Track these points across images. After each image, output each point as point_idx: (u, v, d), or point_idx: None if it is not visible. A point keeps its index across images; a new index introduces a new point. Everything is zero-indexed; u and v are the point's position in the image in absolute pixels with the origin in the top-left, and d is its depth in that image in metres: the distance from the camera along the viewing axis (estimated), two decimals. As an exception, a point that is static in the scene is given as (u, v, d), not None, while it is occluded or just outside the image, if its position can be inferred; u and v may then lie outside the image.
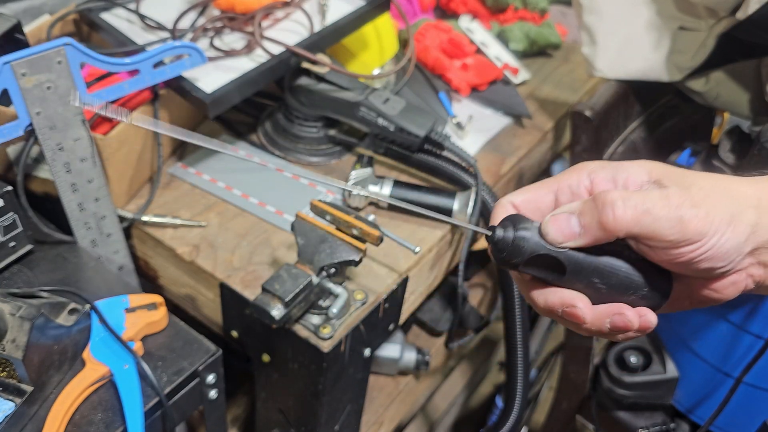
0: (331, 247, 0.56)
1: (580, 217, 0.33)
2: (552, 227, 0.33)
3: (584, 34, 0.77)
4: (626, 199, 0.32)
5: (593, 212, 0.32)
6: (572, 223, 0.33)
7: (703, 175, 0.33)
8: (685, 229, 0.31)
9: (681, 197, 0.32)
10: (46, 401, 0.50)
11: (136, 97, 0.69)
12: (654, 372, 0.81)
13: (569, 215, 0.33)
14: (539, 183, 0.36)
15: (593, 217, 0.32)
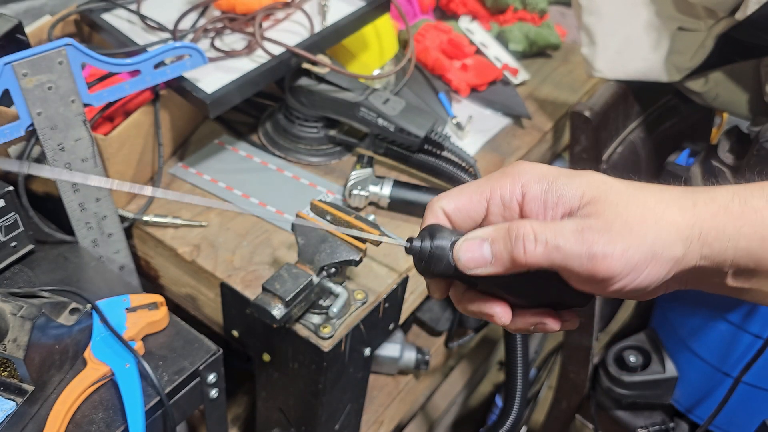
0: (331, 247, 0.56)
1: (492, 245, 0.33)
2: (464, 253, 0.33)
3: (583, 34, 0.77)
4: (539, 233, 0.31)
5: (506, 243, 0.32)
6: (484, 251, 0.33)
7: (638, 200, 0.32)
8: (596, 267, 0.30)
9: (597, 234, 0.31)
10: (48, 400, 0.50)
11: (137, 98, 0.70)
12: (653, 371, 0.81)
13: (482, 242, 0.33)
14: (474, 187, 0.35)
15: (505, 249, 0.32)
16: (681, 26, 0.74)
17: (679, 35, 0.74)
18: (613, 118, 0.78)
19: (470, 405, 1.36)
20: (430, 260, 0.34)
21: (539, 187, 0.33)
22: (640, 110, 0.83)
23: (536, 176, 0.34)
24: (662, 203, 0.32)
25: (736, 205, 0.32)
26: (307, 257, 0.57)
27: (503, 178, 0.34)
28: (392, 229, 0.70)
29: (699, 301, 0.75)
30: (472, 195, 0.35)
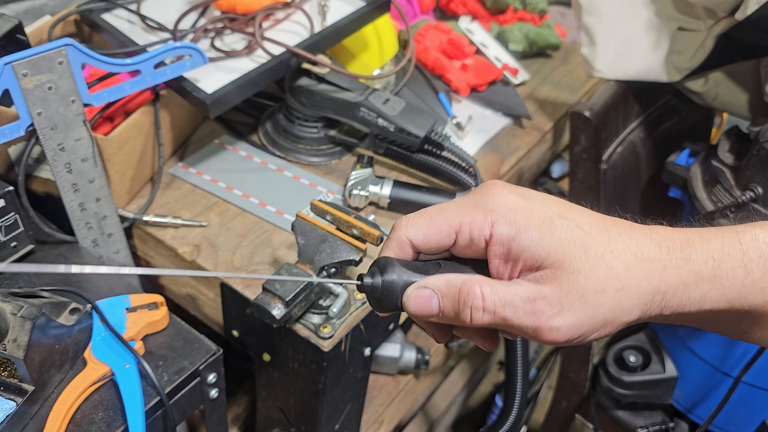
0: (331, 246, 0.56)
1: (442, 300, 0.32)
2: (412, 303, 0.33)
3: (583, 34, 0.77)
4: (488, 300, 0.31)
5: (454, 304, 0.32)
6: (432, 305, 0.33)
7: (605, 264, 0.31)
8: (540, 337, 0.31)
9: (548, 306, 0.30)
10: (48, 400, 0.50)
11: (137, 98, 0.70)
12: (653, 371, 0.81)
13: (432, 295, 0.33)
14: (443, 218, 0.34)
15: (453, 309, 0.32)
16: (681, 26, 0.74)
17: (679, 35, 0.74)
18: (613, 118, 0.78)
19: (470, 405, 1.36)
20: (381, 298, 0.33)
21: (507, 233, 0.32)
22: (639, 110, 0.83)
23: (507, 218, 0.32)
24: (630, 269, 0.31)
25: (710, 269, 0.31)
26: (307, 257, 0.57)
27: (475, 211, 0.33)
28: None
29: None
30: (442, 226, 0.34)
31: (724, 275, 0.31)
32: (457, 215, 0.33)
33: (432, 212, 0.34)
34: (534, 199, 0.33)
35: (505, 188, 0.33)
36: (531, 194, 0.33)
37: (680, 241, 0.32)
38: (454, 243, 0.34)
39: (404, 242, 0.34)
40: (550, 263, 0.31)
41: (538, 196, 0.33)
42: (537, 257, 0.31)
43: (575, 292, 0.30)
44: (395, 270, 0.33)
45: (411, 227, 0.34)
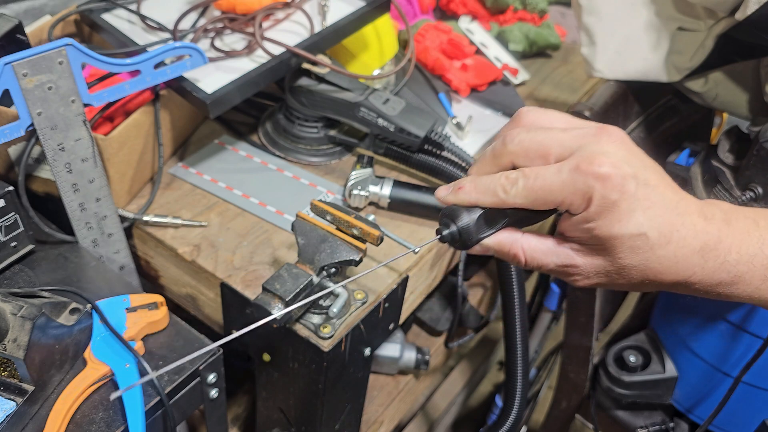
0: (331, 246, 0.56)
1: (495, 254, 0.41)
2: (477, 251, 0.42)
3: (583, 34, 0.77)
4: (528, 262, 0.41)
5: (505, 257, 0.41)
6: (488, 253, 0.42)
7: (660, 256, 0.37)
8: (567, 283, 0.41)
9: (579, 274, 0.40)
10: (48, 400, 0.50)
11: (137, 98, 0.70)
12: (653, 371, 0.81)
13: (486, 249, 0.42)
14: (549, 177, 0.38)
15: (505, 258, 0.42)
16: (681, 26, 0.74)
17: (679, 35, 0.74)
18: (613, 118, 0.78)
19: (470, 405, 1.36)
20: (460, 241, 0.40)
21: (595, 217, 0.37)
22: (639, 110, 0.83)
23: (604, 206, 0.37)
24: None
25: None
26: (307, 257, 0.57)
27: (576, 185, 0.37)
28: (392, 229, 0.70)
29: (698, 300, 0.75)
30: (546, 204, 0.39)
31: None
32: (560, 193, 0.37)
33: (539, 188, 0.38)
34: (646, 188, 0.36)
35: (618, 153, 0.36)
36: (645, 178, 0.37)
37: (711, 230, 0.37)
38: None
39: (507, 206, 0.39)
40: (604, 246, 0.37)
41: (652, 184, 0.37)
42: (601, 241, 0.37)
43: (607, 271, 0.37)
44: (466, 218, 0.40)
45: (518, 198, 0.38)
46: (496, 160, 0.40)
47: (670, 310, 0.82)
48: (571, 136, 0.37)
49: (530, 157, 0.38)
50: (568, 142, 0.37)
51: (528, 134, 0.39)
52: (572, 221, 0.38)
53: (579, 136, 0.37)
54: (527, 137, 0.39)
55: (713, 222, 0.37)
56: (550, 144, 0.38)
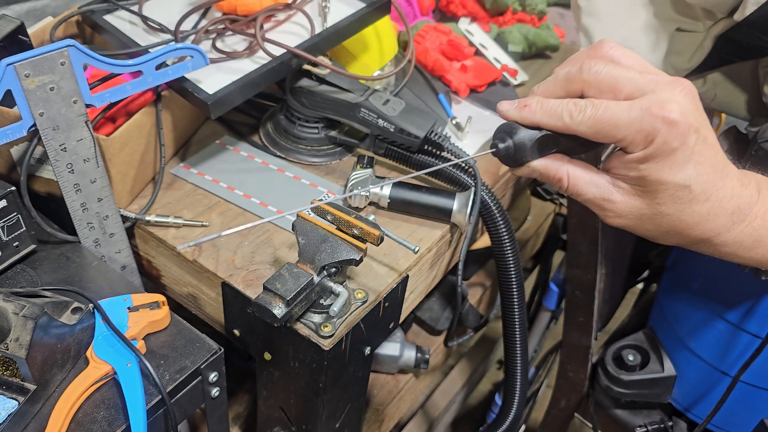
0: (332, 246, 0.57)
1: (540, 176, 0.44)
2: (522, 173, 0.44)
3: (582, 36, 0.77)
4: (570, 188, 0.44)
5: (549, 180, 0.43)
6: (534, 176, 0.45)
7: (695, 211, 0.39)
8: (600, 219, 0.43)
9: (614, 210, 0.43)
10: (50, 399, 0.50)
11: (139, 99, 0.70)
12: (651, 370, 0.81)
13: (533, 171, 0.44)
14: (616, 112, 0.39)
15: (548, 181, 0.44)
16: (679, 27, 0.74)
17: (678, 36, 0.75)
18: (612, 119, 0.78)
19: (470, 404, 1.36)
20: (513, 156, 0.43)
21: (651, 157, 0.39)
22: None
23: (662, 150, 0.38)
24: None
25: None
26: (308, 257, 0.57)
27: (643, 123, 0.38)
28: (392, 229, 0.70)
29: (697, 300, 0.75)
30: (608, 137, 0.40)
31: None
32: (624, 130, 0.38)
33: (607, 120, 0.39)
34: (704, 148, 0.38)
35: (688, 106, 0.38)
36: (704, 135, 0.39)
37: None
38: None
39: (570, 131, 0.41)
40: (647, 189, 0.38)
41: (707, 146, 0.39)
42: (647, 183, 0.38)
43: (641, 214, 0.39)
44: (522, 133, 0.43)
45: (583, 126, 0.40)
46: (567, 84, 0.41)
47: (669, 310, 0.82)
48: (646, 79, 0.38)
49: (601, 89, 0.39)
50: (642, 83, 0.38)
51: (605, 67, 0.40)
52: (624, 159, 0.39)
53: (653, 81, 0.38)
54: (604, 69, 0.39)
55: (748, 189, 0.39)
56: (624, 81, 0.39)
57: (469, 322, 1.10)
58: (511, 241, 0.73)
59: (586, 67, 0.40)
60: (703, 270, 0.75)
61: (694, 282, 0.76)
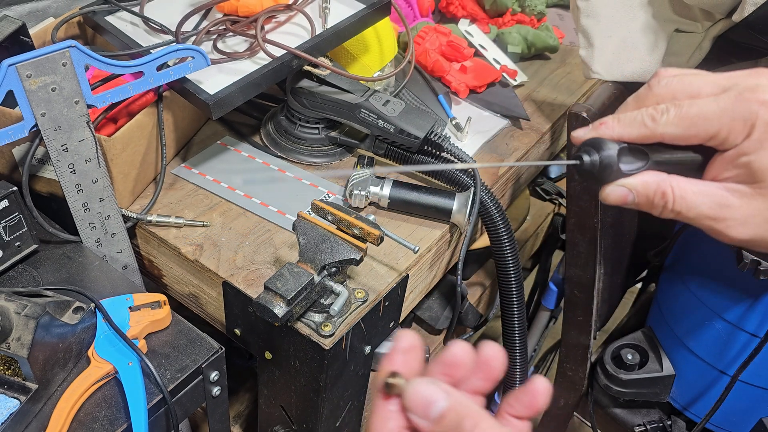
0: (332, 246, 0.57)
1: (637, 197, 0.38)
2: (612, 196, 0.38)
3: (581, 37, 0.78)
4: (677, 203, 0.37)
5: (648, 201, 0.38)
6: (628, 200, 0.38)
7: None
8: (716, 237, 0.37)
9: (734, 218, 0.36)
10: (51, 398, 0.50)
11: (140, 99, 0.70)
12: (650, 370, 0.81)
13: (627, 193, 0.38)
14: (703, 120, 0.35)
15: (646, 204, 0.38)
16: (678, 28, 0.75)
17: (676, 37, 0.75)
18: (611, 119, 0.78)
19: (469, 404, 1.36)
20: (597, 174, 0.38)
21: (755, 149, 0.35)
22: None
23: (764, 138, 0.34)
24: None
25: None
26: (309, 256, 0.57)
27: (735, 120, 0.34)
28: (392, 228, 0.70)
29: (695, 299, 0.76)
30: (699, 131, 0.36)
31: None
32: (717, 121, 0.34)
33: (693, 115, 0.35)
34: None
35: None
36: None
37: None
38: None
39: (656, 138, 0.36)
40: (765, 182, 0.34)
41: None
42: (762, 176, 0.34)
43: (766, 215, 0.34)
44: (611, 149, 0.37)
45: (670, 126, 0.36)
46: (638, 104, 0.38)
47: (668, 309, 0.82)
48: (724, 76, 0.36)
49: (678, 98, 0.36)
50: (722, 81, 0.36)
51: (676, 77, 0.37)
52: (725, 158, 0.35)
53: (732, 76, 0.36)
54: (675, 80, 0.37)
55: None
56: (700, 84, 0.36)
57: (468, 322, 1.11)
58: (511, 241, 0.73)
59: (654, 81, 0.37)
60: (702, 269, 0.75)
61: (692, 281, 0.76)
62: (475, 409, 0.29)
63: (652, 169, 0.38)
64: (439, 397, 0.29)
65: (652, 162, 0.38)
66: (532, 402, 0.32)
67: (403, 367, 0.30)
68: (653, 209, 0.37)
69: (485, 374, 0.32)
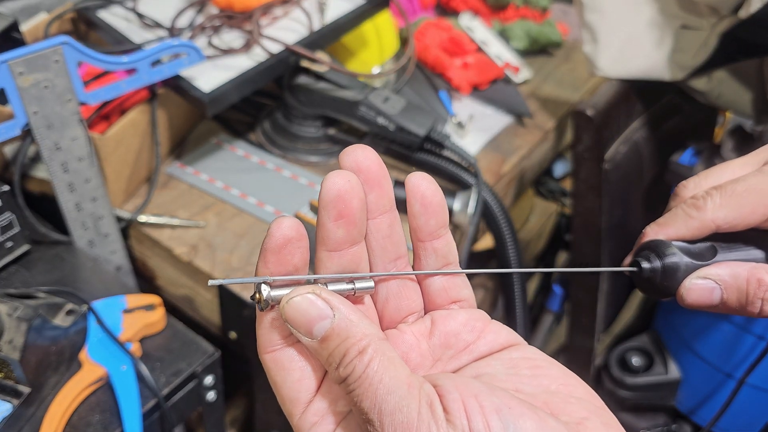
0: (330, 247, 0.56)
1: (725, 292, 0.30)
2: (693, 293, 0.31)
3: (586, 32, 0.76)
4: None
5: (740, 296, 0.30)
6: (714, 296, 0.31)
7: None
8: None
9: None
10: (44, 403, 0.49)
11: (134, 96, 0.69)
12: (656, 373, 0.80)
13: (714, 287, 0.31)
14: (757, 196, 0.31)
15: (738, 300, 0.30)
16: (684, 24, 0.73)
17: (682, 33, 0.74)
18: (616, 117, 0.77)
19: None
20: (659, 284, 0.32)
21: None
22: (642, 109, 0.82)
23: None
24: None
25: None
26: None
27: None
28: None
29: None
30: (757, 207, 0.31)
31: None
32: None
33: (742, 191, 0.31)
34: None
35: None
36: None
37: None
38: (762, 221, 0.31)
39: (709, 226, 0.31)
40: None
41: None
42: None
43: None
44: (675, 254, 0.31)
45: (721, 209, 0.31)
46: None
47: (673, 312, 0.81)
48: (751, 155, 0.32)
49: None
50: (751, 158, 0.32)
51: (701, 175, 0.33)
52: None
53: (760, 151, 0.32)
54: (702, 177, 0.33)
55: None
56: (732, 168, 0.32)
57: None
58: (514, 242, 0.72)
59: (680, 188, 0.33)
60: (708, 271, 0.73)
61: (698, 283, 0.75)
62: (364, 333, 0.23)
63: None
64: (324, 313, 0.23)
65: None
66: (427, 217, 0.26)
67: (282, 270, 0.25)
68: (749, 305, 0.30)
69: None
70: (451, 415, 0.20)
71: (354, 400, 0.22)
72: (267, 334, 0.25)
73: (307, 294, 0.24)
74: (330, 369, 0.23)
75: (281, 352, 0.24)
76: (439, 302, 0.27)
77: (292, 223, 0.25)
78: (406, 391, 0.21)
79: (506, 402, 0.21)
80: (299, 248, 0.25)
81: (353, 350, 0.22)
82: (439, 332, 0.26)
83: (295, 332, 0.24)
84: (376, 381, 0.21)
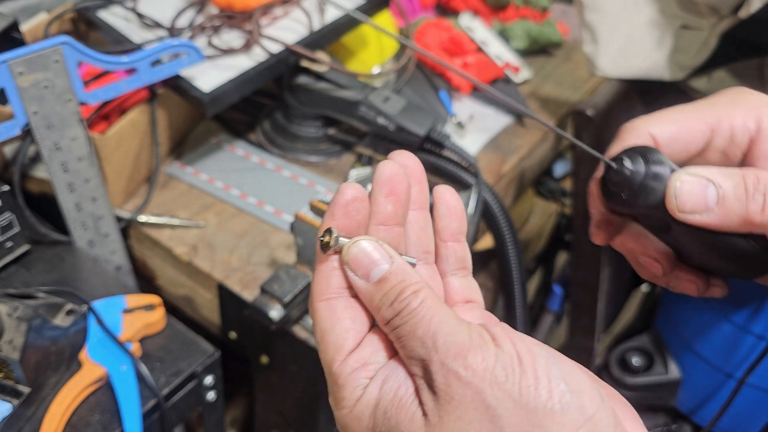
0: (330, 247, 0.56)
1: (719, 190, 0.26)
2: (684, 191, 0.26)
3: (586, 32, 0.76)
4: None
5: (738, 194, 0.26)
6: (708, 195, 0.26)
7: None
8: None
9: None
10: (44, 403, 0.49)
11: (134, 96, 0.69)
12: (656, 373, 0.80)
13: (707, 183, 0.26)
14: (694, 112, 0.29)
15: (737, 200, 0.26)
16: (684, 24, 0.73)
17: (682, 33, 0.74)
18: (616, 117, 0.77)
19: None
20: (640, 189, 0.27)
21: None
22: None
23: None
24: None
25: None
26: (306, 258, 0.56)
27: (732, 107, 0.28)
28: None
29: (702, 301, 0.74)
30: (695, 123, 0.29)
31: None
32: (712, 109, 0.29)
33: (681, 108, 0.29)
34: None
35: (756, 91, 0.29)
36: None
37: None
38: (704, 147, 0.29)
39: (642, 135, 0.28)
40: None
41: None
42: None
43: None
44: (663, 160, 0.27)
45: (656, 123, 0.29)
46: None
47: (674, 312, 0.81)
48: None
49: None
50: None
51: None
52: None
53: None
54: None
55: None
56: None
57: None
58: (514, 242, 0.72)
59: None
60: (709, 271, 0.74)
61: (699, 283, 0.75)
62: (419, 279, 0.25)
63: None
64: (384, 259, 0.25)
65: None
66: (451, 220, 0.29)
67: (346, 223, 0.26)
68: (751, 201, 0.25)
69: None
70: (498, 341, 0.23)
71: (407, 330, 0.23)
72: (325, 282, 0.26)
73: (371, 240, 0.26)
74: (382, 308, 0.25)
75: (337, 300, 0.26)
76: (455, 299, 0.29)
77: (360, 186, 0.27)
78: (458, 322, 0.23)
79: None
80: (363, 208, 0.27)
81: (408, 290, 0.24)
82: None
83: (352, 275, 0.26)
84: (430, 313, 0.23)
